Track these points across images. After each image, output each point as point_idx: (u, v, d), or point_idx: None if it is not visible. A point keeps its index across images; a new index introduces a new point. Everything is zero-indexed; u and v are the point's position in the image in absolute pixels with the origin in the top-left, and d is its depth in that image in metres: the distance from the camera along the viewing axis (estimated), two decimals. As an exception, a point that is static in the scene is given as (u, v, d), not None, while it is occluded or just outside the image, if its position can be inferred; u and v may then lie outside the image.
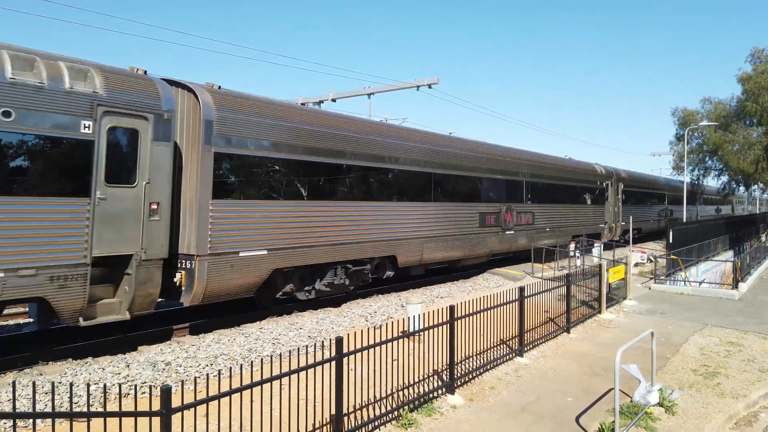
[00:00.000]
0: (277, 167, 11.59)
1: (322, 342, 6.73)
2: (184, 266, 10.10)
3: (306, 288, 12.69)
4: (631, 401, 7.81)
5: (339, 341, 5.96)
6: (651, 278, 19.25)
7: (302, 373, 6.14)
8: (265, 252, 11.21)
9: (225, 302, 11.95)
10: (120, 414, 4.41)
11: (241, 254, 10.71)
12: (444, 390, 7.80)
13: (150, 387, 4.82)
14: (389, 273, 15.14)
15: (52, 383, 4.36)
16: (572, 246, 22.01)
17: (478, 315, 8.61)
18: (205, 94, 10.42)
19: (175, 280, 10.06)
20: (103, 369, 8.18)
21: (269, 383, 5.32)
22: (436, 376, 7.92)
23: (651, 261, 22.15)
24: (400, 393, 7.29)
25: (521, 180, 21.22)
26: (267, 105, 11.84)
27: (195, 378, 5.00)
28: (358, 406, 6.74)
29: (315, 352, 6.14)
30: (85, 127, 8.46)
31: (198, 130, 10.22)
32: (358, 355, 6.45)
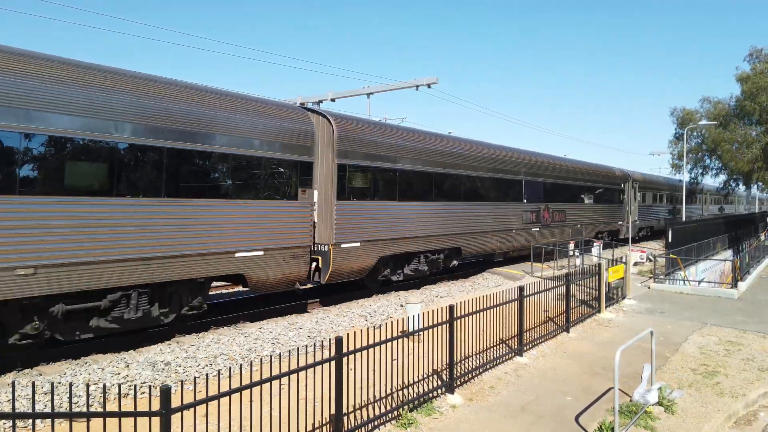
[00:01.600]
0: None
1: (322, 342, 6.73)
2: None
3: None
4: (630, 400, 7.81)
5: (339, 341, 5.95)
6: (650, 277, 19.26)
7: (302, 373, 6.15)
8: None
9: (225, 302, 12.09)
10: (119, 414, 4.41)
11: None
12: (444, 389, 7.80)
13: (149, 387, 4.82)
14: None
15: (52, 383, 4.35)
16: (572, 245, 22.02)
17: (478, 314, 8.61)
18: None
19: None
20: (103, 369, 8.17)
21: (269, 383, 5.31)
22: (435, 376, 7.92)
23: (650, 260, 22.15)
24: (400, 393, 7.29)
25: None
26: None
27: (194, 378, 5.00)
28: (357, 406, 6.74)
29: (315, 351, 6.14)
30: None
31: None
32: (358, 354, 6.45)
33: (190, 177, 9.98)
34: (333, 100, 24.35)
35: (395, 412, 6.86)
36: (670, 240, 22.64)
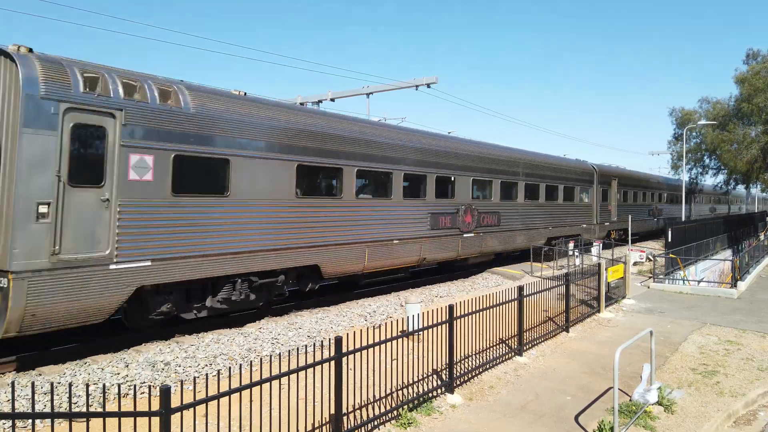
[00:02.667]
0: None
1: (322, 342, 6.72)
2: None
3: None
4: (630, 400, 7.82)
5: (338, 341, 5.95)
6: (650, 277, 19.27)
7: (301, 373, 6.15)
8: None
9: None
10: (119, 414, 4.40)
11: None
12: (443, 389, 7.80)
13: (149, 387, 4.81)
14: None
15: (51, 383, 4.35)
16: (571, 245, 22.03)
17: (478, 314, 8.61)
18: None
19: None
20: (102, 369, 8.17)
21: (268, 383, 5.31)
22: (435, 376, 7.92)
23: (650, 260, 22.17)
24: (400, 392, 7.29)
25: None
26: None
27: (194, 378, 5.00)
28: (357, 406, 6.74)
29: (314, 351, 6.14)
30: None
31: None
32: (358, 354, 6.46)
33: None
34: (333, 99, 24.35)
35: (395, 412, 6.86)
36: (669, 239, 22.67)
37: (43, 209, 7.93)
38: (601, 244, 23.57)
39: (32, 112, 7.85)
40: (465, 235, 17.45)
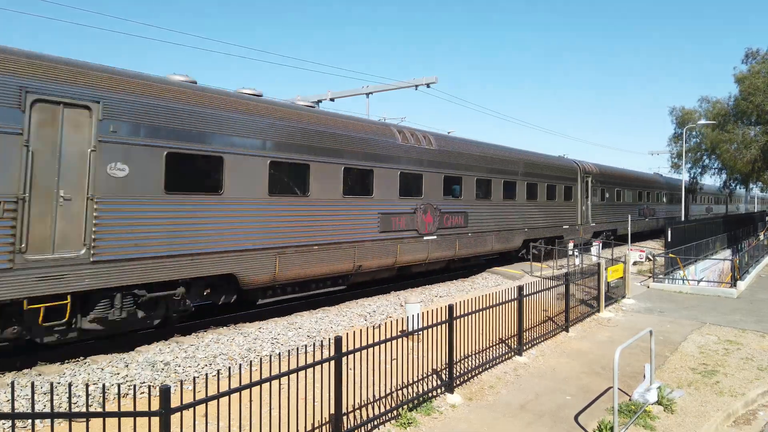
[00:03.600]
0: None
1: (321, 341, 6.72)
2: None
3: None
4: (630, 400, 7.82)
5: (338, 341, 5.95)
6: (649, 277, 19.27)
7: (301, 373, 6.15)
8: None
9: (226, 303, 11.35)
10: (119, 414, 4.40)
11: None
12: (443, 389, 7.80)
13: (149, 387, 4.81)
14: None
15: (51, 384, 4.35)
16: (571, 245, 22.03)
17: (477, 314, 8.61)
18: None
19: None
20: (102, 369, 8.17)
21: (268, 383, 5.31)
22: (435, 375, 7.92)
23: (649, 260, 22.17)
24: (399, 392, 7.29)
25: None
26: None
27: (194, 378, 4.99)
28: (357, 406, 6.74)
29: (314, 351, 6.14)
30: None
31: None
32: (357, 354, 6.46)
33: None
34: (332, 99, 24.35)
35: (395, 412, 6.86)
36: (669, 239, 22.68)
37: None
38: (600, 244, 23.58)
39: None
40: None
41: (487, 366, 8.92)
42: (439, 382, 7.82)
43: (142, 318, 9.57)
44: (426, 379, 7.70)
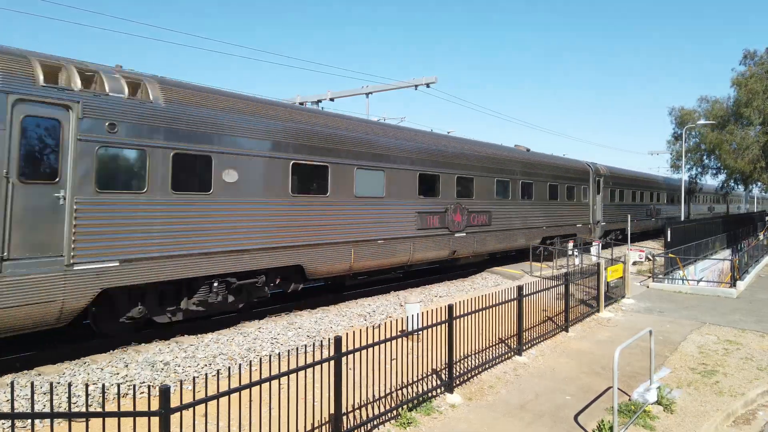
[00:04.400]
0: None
1: (321, 341, 6.72)
2: None
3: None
4: (629, 400, 7.82)
5: (338, 340, 5.95)
6: (649, 277, 19.27)
7: (301, 373, 6.15)
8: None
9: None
10: (118, 414, 4.40)
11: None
12: (443, 389, 7.80)
13: (148, 387, 4.81)
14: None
15: (51, 383, 4.35)
16: (571, 245, 22.04)
17: (477, 314, 8.61)
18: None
19: None
20: (102, 369, 8.17)
21: (268, 383, 5.31)
22: (434, 375, 7.92)
23: (649, 259, 22.17)
24: (399, 392, 7.29)
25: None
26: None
27: (194, 378, 4.99)
28: (357, 405, 6.74)
29: (314, 351, 6.14)
30: None
31: None
32: (357, 354, 6.46)
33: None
34: (332, 99, 24.34)
35: (394, 412, 6.86)
36: (668, 239, 22.68)
37: None
38: (600, 244, 23.58)
39: None
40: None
41: (487, 366, 8.92)
42: (438, 382, 7.82)
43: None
44: (426, 379, 7.70)
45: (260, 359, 5.61)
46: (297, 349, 6.02)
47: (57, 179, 8.16)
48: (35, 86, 7.99)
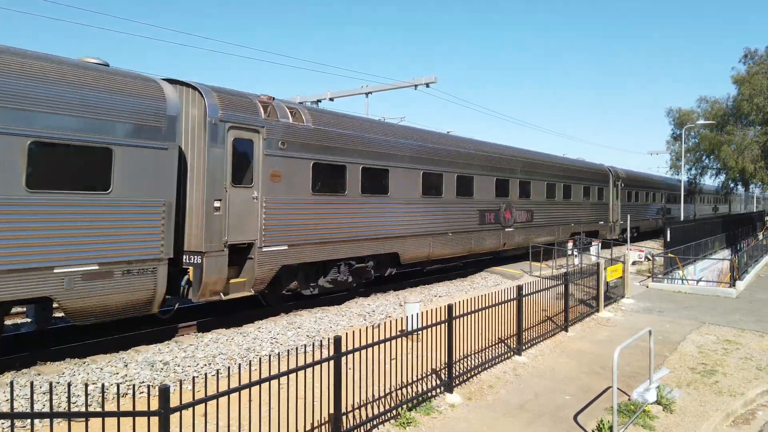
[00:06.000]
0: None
1: (321, 341, 6.72)
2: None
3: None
4: (629, 399, 7.82)
5: (337, 340, 5.95)
6: (649, 277, 19.28)
7: (301, 373, 6.13)
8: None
9: (228, 301, 11.86)
10: (118, 414, 4.40)
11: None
12: (442, 389, 7.80)
13: (148, 387, 4.81)
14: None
15: (50, 383, 4.34)
16: (570, 245, 22.05)
17: (477, 314, 8.61)
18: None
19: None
20: (101, 369, 8.16)
21: (267, 383, 5.31)
22: (434, 375, 7.92)
23: (649, 259, 22.18)
24: (399, 392, 7.29)
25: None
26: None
27: (193, 378, 4.99)
28: (356, 405, 6.74)
29: (314, 351, 6.14)
30: None
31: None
32: (357, 354, 6.45)
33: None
34: (332, 99, 24.31)
35: (394, 411, 6.86)
36: (668, 239, 22.67)
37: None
38: (599, 244, 23.59)
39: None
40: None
41: (487, 366, 8.92)
42: (438, 382, 7.82)
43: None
44: (425, 379, 7.70)
45: (260, 359, 5.61)
46: (297, 348, 6.02)
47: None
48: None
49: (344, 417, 6.27)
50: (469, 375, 8.46)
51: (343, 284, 13.58)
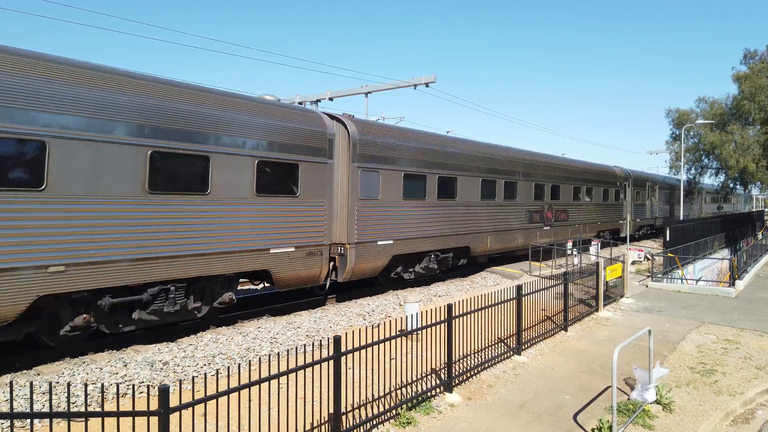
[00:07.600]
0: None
1: (320, 341, 6.72)
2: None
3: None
4: (628, 399, 7.83)
5: (337, 340, 5.95)
6: (648, 276, 19.29)
7: (300, 372, 6.15)
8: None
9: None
10: (118, 414, 4.40)
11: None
12: (442, 388, 7.80)
13: (148, 387, 4.81)
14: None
15: (50, 383, 4.34)
16: (569, 245, 22.06)
17: (476, 313, 8.61)
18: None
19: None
20: (101, 369, 8.16)
21: (267, 382, 5.31)
22: (434, 375, 7.92)
23: (648, 259, 22.19)
24: (399, 391, 7.29)
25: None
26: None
27: (193, 377, 4.99)
28: (356, 405, 6.74)
29: (313, 351, 6.14)
30: None
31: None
32: (356, 353, 6.46)
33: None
34: (331, 99, 24.31)
35: (394, 411, 6.86)
36: (667, 239, 22.69)
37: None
38: (599, 244, 23.60)
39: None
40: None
41: (486, 365, 8.92)
42: (438, 382, 7.82)
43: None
44: (425, 379, 7.70)
45: (259, 359, 5.61)
46: (296, 348, 6.02)
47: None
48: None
49: (344, 416, 6.27)
50: (468, 375, 8.46)
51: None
